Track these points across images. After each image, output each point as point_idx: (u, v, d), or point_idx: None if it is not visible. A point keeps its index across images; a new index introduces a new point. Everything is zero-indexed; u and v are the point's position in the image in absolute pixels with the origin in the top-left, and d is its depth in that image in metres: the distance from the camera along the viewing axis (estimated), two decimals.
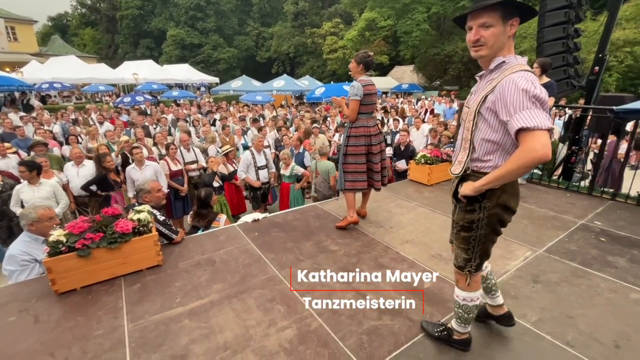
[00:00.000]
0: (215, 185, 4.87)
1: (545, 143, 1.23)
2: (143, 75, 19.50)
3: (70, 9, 48.55)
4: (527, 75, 1.30)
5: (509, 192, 1.47)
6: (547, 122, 1.24)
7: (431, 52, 21.49)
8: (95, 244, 2.30)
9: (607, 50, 4.53)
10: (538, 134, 1.24)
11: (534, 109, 1.26)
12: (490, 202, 1.46)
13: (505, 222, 1.53)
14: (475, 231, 1.52)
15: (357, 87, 2.95)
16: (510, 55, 1.38)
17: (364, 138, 3.06)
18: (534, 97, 1.26)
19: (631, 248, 2.86)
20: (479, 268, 1.61)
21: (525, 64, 1.35)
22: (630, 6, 15.06)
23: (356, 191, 3.24)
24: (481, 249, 1.55)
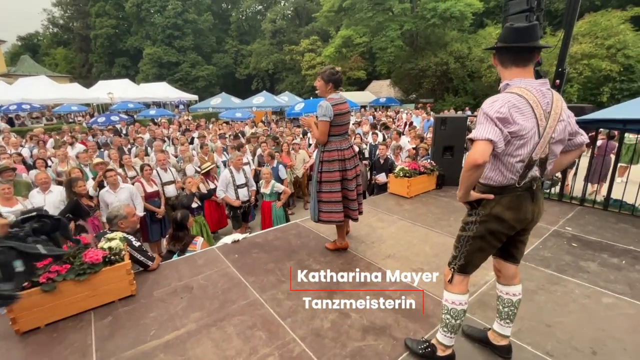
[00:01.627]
0: (194, 206, 4.75)
1: (478, 150, 1.39)
2: (119, 95, 19.10)
3: (41, 29, 47.33)
4: (497, 97, 1.45)
5: (503, 204, 1.54)
6: (487, 134, 1.38)
7: (406, 67, 22.29)
8: (61, 277, 2.16)
9: (566, 64, 4.84)
10: (476, 143, 1.41)
11: (483, 123, 1.42)
12: (484, 211, 1.57)
13: (496, 233, 1.58)
14: (467, 232, 1.63)
15: (326, 107, 2.70)
16: (516, 79, 1.50)
17: (338, 162, 2.81)
18: (485, 114, 1.42)
19: (601, 252, 2.98)
20: (464, 270, 1.67)
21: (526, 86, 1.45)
22: (584, 22, 16.31)
23: (332, 223, 2.96)
24: (467, 250, 1.63)
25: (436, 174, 4.90)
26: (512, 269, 1.75)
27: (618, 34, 15.32)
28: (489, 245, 1.61)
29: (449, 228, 3.56)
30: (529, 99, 1.41)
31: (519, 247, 1.71)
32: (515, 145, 1.44)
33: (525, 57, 1.49)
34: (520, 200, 1.54)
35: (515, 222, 1.55)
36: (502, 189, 1.53)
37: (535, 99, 1.42)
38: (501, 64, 1.56)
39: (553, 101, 1.47)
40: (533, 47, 1.49)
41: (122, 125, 12.48)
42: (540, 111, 1.43)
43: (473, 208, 1.61)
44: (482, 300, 2.35)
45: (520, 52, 1.50)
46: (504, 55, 1.54)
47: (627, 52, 15.20)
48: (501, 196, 1.53)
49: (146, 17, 34.99)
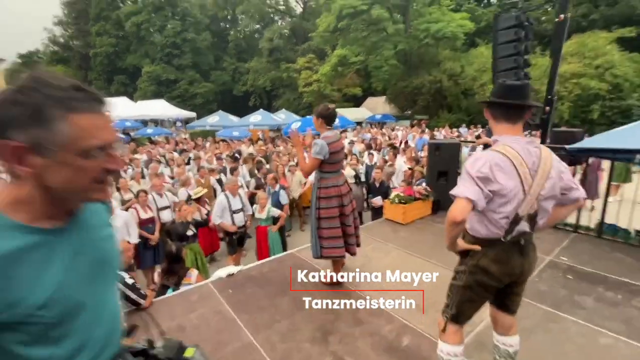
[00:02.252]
0: (189, 234, 4.71)
1: (457, 207, 1.43)
2: (116, 113, 19.19)
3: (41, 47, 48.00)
4: (482, 154, 1.51)
5: (490, 257, 1.56)
6: (466, 193, 1.42)
7: (400, 84, 22.70)
8: None
9: (554, 92, 4.96)
10: (457, 200, 1.45)
11: (466, 180, 1.46)
12: (472, 261, 1.59)
13: (485, 285, 1.59)
14: (457, 281, 1.65)
15: (322, 146, 2.71)
16: (505, 136, 1.55)
17: (336, 199, 2.84)
18: (467, 172, 1.47)
19: (596, 285, 2.98)
20: (456, 320, 1.67)
21: (511, 144, 1.49)
22: (572, 43, 16.80)
23: (334, 258, 2.99)
24: (458, 300, 1.64)
25: (431, 200, 4.92)
26: (508, 319, 1.74)
27: (605, 54, 15.79)
28: (478, 296, 1.61)
29: (444, 258, 3.54)
30: (512, 159, 1.44)
31: (512, 299, 1.71)
32: (497, 203, 1.47)
33: (516, 114, 1.54)
34: (507, 254, 1.55)
35: (503, 275, 1.56)
36: (488, 241, 1.55)
37: (519, 159, 1.45)
38: (493, 118, 1.60)
39: (541, 159, 1.50)
40: (523, 105, 1.53)
41: None
42: (525, 170, 1.45)
43: (463, 257, 1.63)
44: (479, 340, 2.32)
45: (511, 109, 1.54)
46: (496, 110, 1.58)
47: (614, 71, 15.61)
48: (488, 248, 1.55)
49: (146, 36, 35.61)
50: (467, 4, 25.14)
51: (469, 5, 24.94)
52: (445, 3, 21.75)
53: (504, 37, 5.02)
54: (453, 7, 22.13)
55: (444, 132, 14.53)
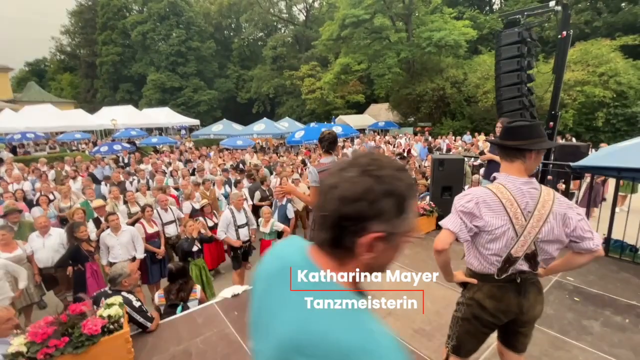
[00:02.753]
0: (194, 249, 4.74)
1: (440, 237, 1.56)
2: (122, 121, 19.45)
3: (48, 55, 48.89)
4: (472, 190, 1.58)
5: (484, 292, 1.58)
6: (449, 225, 1.52)
7: (403, 92, 22.77)
8: (59, 351, 2.14)
9: (558, 107, 4.97)
10: (442, 230, 1.55)
11: (452, 214, 1.55)
12: (468, 294, 1.64)
13: (482, 320, 1.61)
14: (457, 312, 1.69)
15: (314, 174, 2.74)
16: (502, 175, 1.59)
17: None
18: (454, 206, 1.56)
19: (603, 309, 2.95)
20: (457, 352, 1.69)
21: (505, 184, 1.53)
22: (575, 50, 16.82)
23: None
24: (458, 331, 1.67)
25: (435, 215, 4.92)
26: (513, 358, 1.73)
27: (609, 61, 15.77)
28: (476, 330, 1.62)
29: None
30: (501, 198, 1.47)
31: (518, 339, 1.69)
32: (485, 239, 1.51)
33: (513, 154, 1.55)
34: (501, 292, 1.56)
35: (497, 312, 1.56)
36: (482, 276, 1.59)
37: (510, 198, 1.47)
38: (499, 156, 1.66)
39: (539, 201, 1.47)
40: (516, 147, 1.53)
41: (124, 155, 12.65)
42: (517, 210, 1.46)
43: (462, 289, 1.69)
44: None
45: (509, 149, 1.56)
46: (499, 150, 1.64)
47: (619, 79, 15.57)
48: (483, 283, 1.59)
49: (151, 45, 36.16)
50: (469, 11, 25.27)
51: (471, 13, 25.07)
52: (448, 11, 21.89)
53: (506, 52, 5.05)
54: (455, 15, 22.25)
55: (448, 140, 14.50)
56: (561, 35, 4.68)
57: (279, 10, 40.68)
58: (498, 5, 28.49)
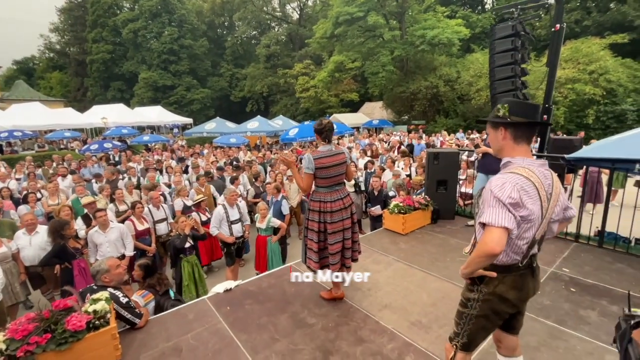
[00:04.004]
0: (187, 246, 4.64)
1: (494, 238, 1.31)
2: (113, 119, 19.11)
3: (37, 53, 47.91)
4: (506, 177, 1.39)
5: (507, 284, 1.49)
6: (503, 221, 1.31)
7: (397, 90, 22.80)
8: (41, 349, 2.04)
9: (551, 101, 4.96)
10: (491, 229, 1.33)
11: (497, 208, 1.34)
12: (487, 289, 1.51)
13: (500, 313, 1.54)
14: (469, 310, 1.56)
15: (308, 160, 2.69)
16: (518, 157, 1.46)
17: (317, 214, 2.78)
18: (497, 198, 1.35)
19: (599, 298, 2.94)
20: (467, 349, 1.61)
21: (529, 167, 1.42)
22: (566, 49, 16.99)
23: (309, 270, 2.96)
24: (470, 329, 1.57)
25: (431, 209, 4.89)
26: (513, 340, 1.70)
27: (599, 60, 15.96)
28: (492, 324, 1.56)
29: (445, 271, 3.50)
30: (535, 183, 1.39)
31: (518, 319, 1.68)
32: (523, 229, 1.41)
33: (526, 134, 1.49)
34: (523, 279, 1.52)
35: (518, 301, 1.52)
36: (505, 268, 1.49)
37: (539, 182, 1.40)
38: (514, 139, 1.48)
39: (553, 183, 1.46)
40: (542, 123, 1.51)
41: (115, 153, 12.41)
42: (544, 193, 1.41)
43: (475, 284, 1.55)
44: (483, 359, 2.27)
45: (534, 129, 1.50)
46: (519, 130, 1.47)
47: (608, 76, 15.78)
48: (504, 275, 1.49)
49: (142, 43, 35.64)
50: (462, 10, 25.41)
51: (464, 12, 25.21)
52: (441, 10, 21.96)
53: (500, 46, 5.02)
54: (448, 13, 22.35)
55: (442, 137, 14.52)
56: (555, 28, 4.67)
57: (272, 8, 40.46)
58: (490, 5, 28.70)
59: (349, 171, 2.95)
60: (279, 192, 6.10)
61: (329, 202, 2.78)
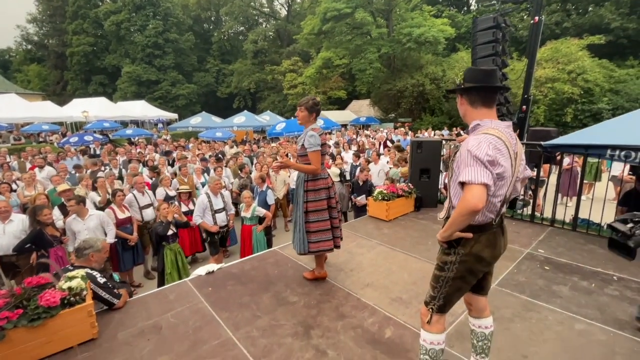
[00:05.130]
0: (170, 233, 4.57)
1: (476, 195, 1.36)
2: (94, 113, 18.54)
3: (13, 45, 45.94)
4: (480, 137, 1.44)
5: (483, 242, 1.54)
6: (482, 178, 1.36)
7: (384, 87, 23.00)
8: (11, 324, 1.97)
9: (531, 90, 5.13)
10: (471, 187, 1.38)
11: (475, 166, 1.39)
12: (464, 250, 1.55)
13: (476, 272, 1.59)
14: (446, 272, 1.60)
15: (317, 137, 2.70)
16: (486, 120, 1.52)
17: (324, 191, 2.81)
18: (474, 157, 1.40)
19: (571, 275, 3.06)
20: (442, 310, 1.65)
21: (497, 128, 1.48)
22: (546, 49, 17.53)
23: (322, 252, 2.90)
24: (447, 291, 1.61)
25: (414, 197, 4.96)
26: (482, 301, 1.75)
27: (577, 60, 16.53)
28: (467, 284, 1.61)
29: (427, 253, 3.57)
30: (505, 141, 1.45)
31: (487, 280, 1.73)
32: (497, 186, 1.46)
33: (492, 98, 1.55)
34: (496, 237, 1.57)
35: (492, 258, 1.58)
36: (481, 227, 1.54)
37: (509, 141, 1.46)
38: (470, 104, 1.58)
39: (517, 142, 1.54)
40: (498, 87, 1.56)
41: (96, 146, 12.06)
42: (512, 152, 1.48)
43: (452, 247, 1.58)
44: (460, 331, 2.33)
45: (489, 93, 1.55)
46: (475, 95, 1.56)
47: (586, 76, 16.37)
48: (480, 234, 1.54)
49: (126, 36, 34.66)
50: (447, 10, 25.82)
51: (450, 12, 25.63)
52: (427, 9, 22.27)
53: (482, 37, 5.15)
54: (434, 13, 22.69)
55: (427, 134, 14.77)
56: (534, 20, 4.83)
57: (260, 4, 40.04)
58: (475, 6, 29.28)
59: None
60: (264, 183, 6.08)
61: (327, 178, 2.88)
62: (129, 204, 5.17)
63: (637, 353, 2.09)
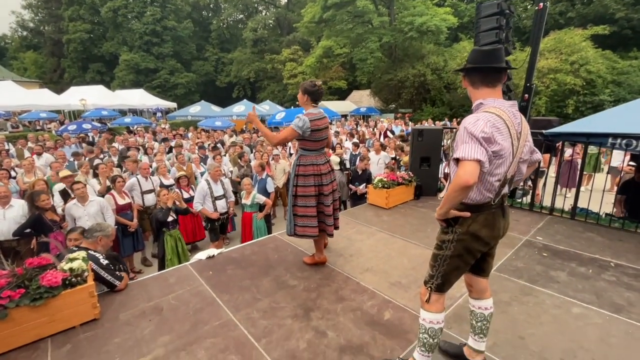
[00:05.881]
0: (170, 220, 4.58)
1: (468, 170, 1.36)
2: (92, 101, 18.37)
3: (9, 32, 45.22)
4: (479, 116, 1.45)
5: (480, 222, 1.55)
6: (475, 154, 1.37)
7: (385, 77, 22.78)
8: (13, 303, 1.99)
9: (533, 79, 5.07)
10: (464, 163, 1.38)
11: (468, 143, 1.39)
12: (461, 229, 1.56)
13: (473, 251, 1.59)
14: (444, 251, 1.61)
15: (304, 121, 2.65)
16: (489, 99, 1.52)
17: (313, 177, 2.78)
18: (470, 134, 1.40)
19: (569, 261, 3.09)
20: (440, 289, 1.66)
21: (499, 106, 1.47)
22: (550, 39, 17.31)
23: (306, 237, 2.93)
24: (445, 269, 1.62)
25: (414, 185, 4.97)
26: (483, 283, 1.77)
27: (580, 50, 16.34)
28: (465, 263, 1.61)
29: (426, 239, 3.59)
30: (505, 120, 1.44)
31: (488, 261, 1.74)
32: (494, 165, 1.46)
33: (495, 78, 1.54)
34: (494, 217, 1.57)
35: (490, 239, 1.58)
36: (478, 207, 1.54)
37: (510, 120, 1.46)
38: (472, 84, 1.59)
39: (522, 123, 1.52)
40: (500, 67, 1.54)
41: (95, 134, 11.99)
42: (514, 132, 1.47)
43: (449, 226, 1.59)
44: (458, 313, 2.36)
45: (490, 73, 1.54)
46: (474, 76, 1.57)
47: (589, 67, 16.20)
48: (478, 214, 1.54)
49: (123, 23, 34.07)
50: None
51: (452, 1, 25.20)
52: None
53: (486, 24, 5.06)
54: (437, 1, 22.32)
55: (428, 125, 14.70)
56: (538, 6, 4.74)
57: None
58: None
59: (330, 136, 2.96)
60: (264, 171, 6.07)
61: (321, 164, 2.82)
62: (131, 188, 5.19)
63: (632, 335, 2.13)
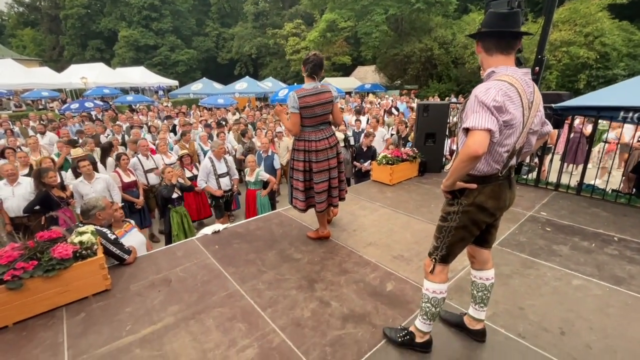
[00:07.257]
0: (175, 197, 4.63)
1: (477, 140, 1.32)
2: (93, 79, 18.18)
3: (5, 8, 44.10)
4: (490, 84, 1.39)
5: (486, 193, 1.53)
6: (485, 123, 1.32)
7: (391, 52, 22.13)
8: (28, 274, 2.06)
9: (545, 52, 4.88)
10: (474, 132, 1.34)
11: (479, 112, 1.35)
12: (467, 200, 1.55)
13: (479, 222, 1.59)
14: (449, 222, 1.61)
15: (292, 98, 2.64)
16: (502, 67, 1.46)
17: (303, 153, 2.80)
18: (481, 102, 1.35)
19: (572, 236, 3.10)
20: (445, 261, 1.67)
21: (512, 75, 1.41)
22: (564, 9, 16.52)
23: (296, 209, 3.04)
24: (449, 240, 1.63)
25: (418, 161, 4.93)
26: (485, 254, 1.78)
27: (596, 21, 15.61)
28: (470, 234, 1.61)
29: (429, 215, 3.61)
30: (518, 88, 1.38)
31: (492, 233, 1.74)
32: (505, 135, 1.42)
33: (510, 44, 1.46)
34: (500, 189, 1.55)
35: (496, 210, 1.57)
36: (485, 178, 1.52)
37: (522, 89, 1.40)
38: (485, 50, 1.51)
39: (535, 92, 1.46)
40: (518, 32, 1.46)
41: (97, 112, 11.94)
42: (526, 101, 1.41)
43: (455, 197, 1.58)
44: (459, 285, 2.40)
45: (506, 38, 1.46)
46: (489, 41, 1.49)
47: (603, 39, 15.54)
48: (484, 185, 1.52)
49: None
50: None
51: None
52: None
53: (497, 6, 4.81)
54: None
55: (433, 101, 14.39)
56: None
57: None
58: None
59: (336, 111, 2.89)
60: (269, 148, 6.04)
61: (313, 141, 2.78)
62: (133, 168, 5.21)
63: (631, 306, 2.16)
